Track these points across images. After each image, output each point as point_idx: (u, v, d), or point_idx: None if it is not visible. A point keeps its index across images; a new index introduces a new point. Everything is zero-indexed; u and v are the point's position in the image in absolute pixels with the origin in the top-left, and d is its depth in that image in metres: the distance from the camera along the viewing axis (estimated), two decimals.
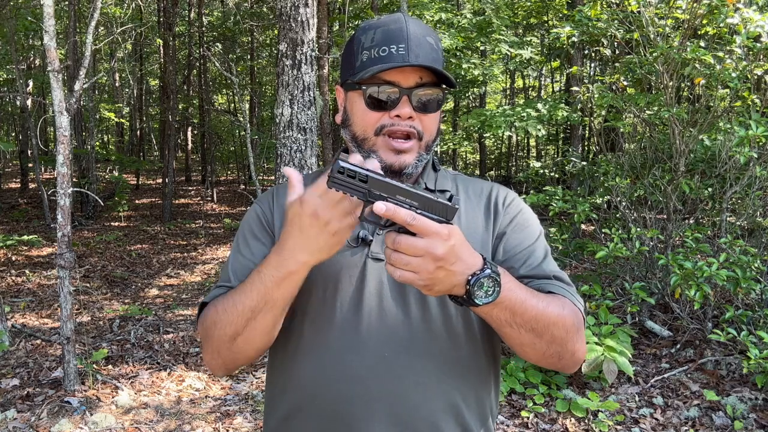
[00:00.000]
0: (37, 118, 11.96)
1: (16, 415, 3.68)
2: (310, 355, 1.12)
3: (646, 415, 3.68)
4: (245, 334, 1.04)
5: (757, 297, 4.20)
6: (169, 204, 12.79)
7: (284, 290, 0.99)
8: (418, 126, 1.10)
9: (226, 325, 1.04)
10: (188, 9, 16.80)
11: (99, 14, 4.56)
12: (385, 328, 1.10)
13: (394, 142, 1.09)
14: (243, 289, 1.03)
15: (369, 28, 1.12)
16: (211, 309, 1.09)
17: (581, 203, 4.82)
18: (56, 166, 3.93)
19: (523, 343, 1.04)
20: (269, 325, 1.04)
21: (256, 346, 1.07)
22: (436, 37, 1.13)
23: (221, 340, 1.06)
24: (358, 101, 1.11)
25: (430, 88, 1.09)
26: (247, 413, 3.84)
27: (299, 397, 1.14)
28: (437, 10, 8.56)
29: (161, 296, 6.80)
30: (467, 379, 1.15)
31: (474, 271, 0.91)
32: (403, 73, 1.07)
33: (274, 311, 1.02)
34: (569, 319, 1.06)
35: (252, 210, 1.23)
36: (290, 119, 4.36)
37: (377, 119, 1.09)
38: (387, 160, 1.09)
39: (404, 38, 1.07)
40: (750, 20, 4.04)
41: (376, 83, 1.08)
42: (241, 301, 1.02)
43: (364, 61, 1.09)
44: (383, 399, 1.09)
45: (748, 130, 3.89)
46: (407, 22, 1.10)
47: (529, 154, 19.90)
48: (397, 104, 1.08)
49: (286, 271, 0.96)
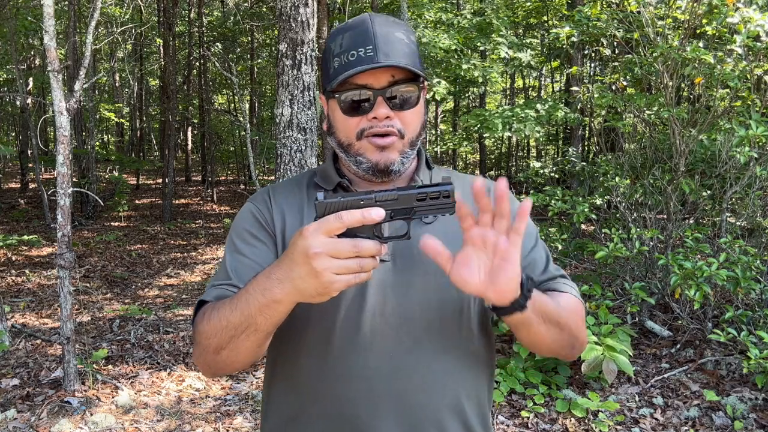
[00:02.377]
0: (37, 118, 11.96)
1: (16, 415, 3.68)
2: (314, 355, 1.12)
3: (646, 415, 3.68)
4: (229, 350, 1.02)
5: (757, 297, 4.20)
6: (169, 204, 12.79)
7: (268, 317, 0.95)
8: (397, 124, 1.09)
9: (210, 336, 1.02)
10: (188, 9, 16.80)
11: (99, 14, 4.56)
12: (388, 327, 1.10)
13: (376, 140, 1.09)
14: (230, 305, 1.00)
15: (337, 34, 1.11)
16: (203, 315, 1.07)
17: (580, 203, 4.82)
18: (56, 166, 3.93)
19: (547, 338, 1.07)
20: (252, 347, 1.01)
21: (240, 361, 1.05)
22: (407, 30, 1.12)
23: (206, 350, 1.05)
24: (336, 109, 1.12)
25: (404, 84, 1.08)
26: (247, 413, 3.84)
27: (302, 398, 1.14)
28: (437, 11, 8.56)
29: (161, 296, 6.80)
30: (469, 377, 1.16)
31: None
32: (374, 75, 1.07)
33: (257, 335, 0.98)
34: (579, 312, 1.14)
35: (246, 209, 1.21)
36: (290, 119, 4.36)
37: (356, 124, 1.10)
38: (372, 158, 1.10)
39: (371, 39, 1.07)
40: (750, 20, 4.04)
41: (349, 89, 1.08)
42: (225, 316, 0.99)
43: (336, 68, 1.09)
44: (388, 398, 1.09)
45: (748, 129, 3.89)
46: (373, 21, 1.09)
47: (529, 154, 19.91)
48: (373, 107, 1.08)
49: (270, 298, 0.92)
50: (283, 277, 0.90)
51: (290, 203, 1.19)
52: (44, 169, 16.94)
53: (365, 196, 0.89)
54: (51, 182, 13.94)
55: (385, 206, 0.88)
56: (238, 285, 1.09)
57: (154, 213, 13.81)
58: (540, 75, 18.46)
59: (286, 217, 1.17)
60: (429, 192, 0.90)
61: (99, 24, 10.53)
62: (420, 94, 1.11)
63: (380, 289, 1.11)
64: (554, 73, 17.33)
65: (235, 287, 1.09)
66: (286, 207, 1.18)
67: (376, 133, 1.09)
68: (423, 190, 0.90)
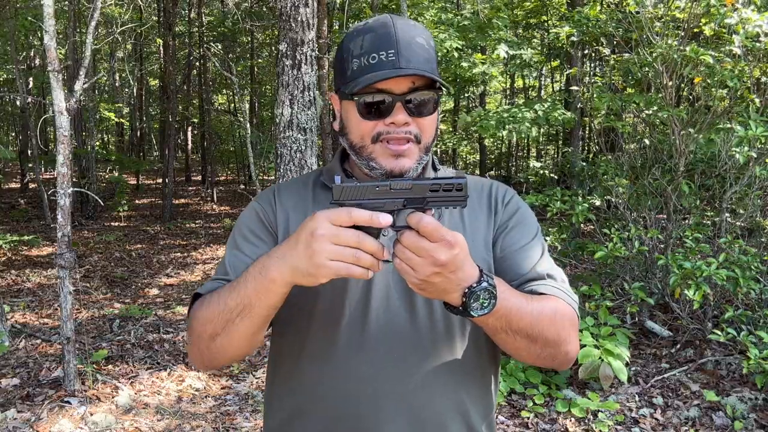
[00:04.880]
0: (37, 118, 11.95)
1: (16, 415, 3.68)
2: (317, 355, 1.12)
3: (646, 415, 3.68)
4: (224, 336, 1.02)
5: (757, 297, 4.20)
6: (169, 204, 12.79)
7: (263, 298, 0.96)
8: (414, 130, 1.08)
9: (206, 322, 1.03)
10: (188, 9, 16.80)
11: (99, 14, 4.56)
12: (392, 328, 1.10)
13: (392, 146, 1.08)
14: (229, 288, 1.02)
15: (357, 35, 1.10)
16: (201, 303, 1.08)
17: (579, 203, 4.82)
18: (56, 166, 3.93)
19: (518, 348, 1.05)
20: (248, 332, 1.02)
21: (235, 349, 1.05)
22: (426, 34, 1.11)
23: (201, 337, 1.06)
24: (352, 111, 1.10)
25: (423, 91, 1.08)
26: (247, 413, 3.84)
27: (305, 397, 1.14)
28: (437, 11, 8.55)
29: (161, 296, 6.80)
30: (472, 378, 1.16)
31: (471, 283, 0.92)
32: (395, 80, 1.06)
33: (252, 318, 0.99)
34: (563, 321, 1.08)
35: (251, 208, 1.21)
36: (290, 119, 4.36)
37: (372, 128, 1.08)
38: (386, 165, 1.08)
39: (393, 43, 1.06)
40: (748, 20, 4.04)
41: (369, 92, 1.07)
42: (223, 299, 1.01)
43: (354, 70, 1.08)
44: (391, 399, 1.09)
45: (747, 129, 3.89)
46: (395, 24, 1.07)
47: (529, 154, 19.90)
48: (391, 111, 1.07)
49: (267, 276, 0.94)
50: (282, 254, 0.93)
51: (296, 204, 1.19)
52: (44, 169, 16.93)
53: (381, 183, 0.92)
54: (51, 182, 13.94)
55: (399, 194, 0.91)
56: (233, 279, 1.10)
57: (154, 213, 13.81)
58: (540, 75, 18.46)
59: (290, 217, 1.18)
60: (442, 184, 0.92)
61: (99, 24, 10.53)
62: (437, 100, 1.11)
63: (384, 290, 1.11)
64: (554, 72, 17.33)
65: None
66: (291, 207, 1.19)
67: (393, 139, 1.08)
68: (437, 182, 0.92)
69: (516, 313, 0.99)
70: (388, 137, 1.08)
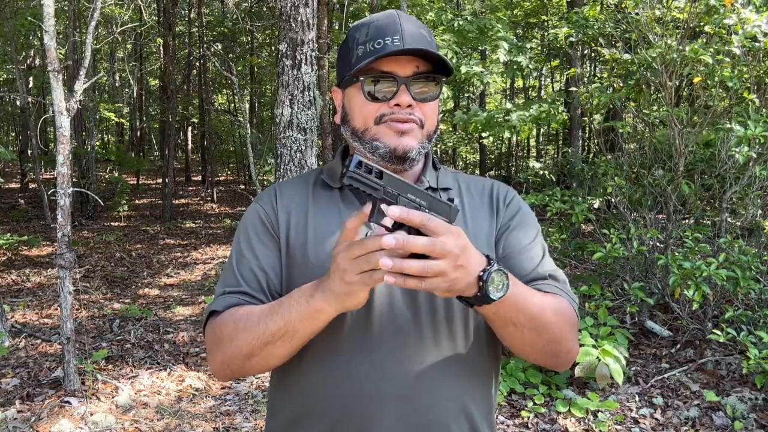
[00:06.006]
0: (37, 118, 11.96)
1: (16, 415, 3.68)
2: (321, 357, 1.12)
3: (646, 415, 3.69)
4: (261, 357, 1.05)
5: (757, 297, 4.20)
6: (169, 204, 12.80)
7: (307, 325, 0.99)
8: (418, 113, 1.11)
9: (243, 344, 1.05)
10: (188, 9, 16.80)
11: (99, 14, 4.56)
12: (395, 329, 1.10)
13: (396, 124, 1.10)
14: (268, 311, 1.03)
15: (362, 25, 1.13)
16: (228, 323, 1.08)
17: (579, 204, 4.82)
18: (56, 166, 3.93)
19: (524, 342, 1.05)
20: (285, 354, 1.05)
21: (269, 367, 1.09)
22: (429, 31, 1.15)
23: (234, 357, 1.07)
24: (356, 95, 1.12)
25: (427, 77, 1.11)
26: (247, 413, 3.84)
27: (309, 397, 1.14)
28: (437, 12, 8.55)
29: (161, 296, 6.81)
30: (475, 379, 1.15)
31: (483, 266, 0.92)
32: (399, 63, 1.09)
33: (293, 342, 1.02)
34: (566, 318, 1.09)
35: (253, 210, 1.21)
36: (290, 119, 4.36)
37: (377, 109, 1.10)
38: (390, 143, 1.10)
39: (398, 30, 1.09)
40: (747, 20, 4.04)
41: (373, 75, 1.09)
42: (263, 323, 1.02)
43: (359, 56, 1.10)
44: (395, 400, 1.09)
45: (747, 129, 3.89)
46: (400, 17, 1.11)
47: (529, 153, 19.91)
48: (396, 93, 1.09)
49: (313, 307, 0.97)
50: (326, 287, 0.95)
51: (296, 203, 1.19)
52: (44, 169, 16.94)
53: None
54: (51, 182, 13.94)
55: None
56: (247, 291, 1.12)
57: (154, 213, 13.81)
58: (540, 75, 18.46)
59: (291, 217, 1.18)
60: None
61: (99, 24, 10.53)
62: (440, 90, 1.14)
63: (387, 289, 1.11)
64: (554, 72, 17.34)
65: (244, 294, 1.12)
66: (291, 207, 1.19)
67: (398, 119, 1.10)
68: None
69: (523, 302, 1.00)
70: (393, 117, 1.10)
